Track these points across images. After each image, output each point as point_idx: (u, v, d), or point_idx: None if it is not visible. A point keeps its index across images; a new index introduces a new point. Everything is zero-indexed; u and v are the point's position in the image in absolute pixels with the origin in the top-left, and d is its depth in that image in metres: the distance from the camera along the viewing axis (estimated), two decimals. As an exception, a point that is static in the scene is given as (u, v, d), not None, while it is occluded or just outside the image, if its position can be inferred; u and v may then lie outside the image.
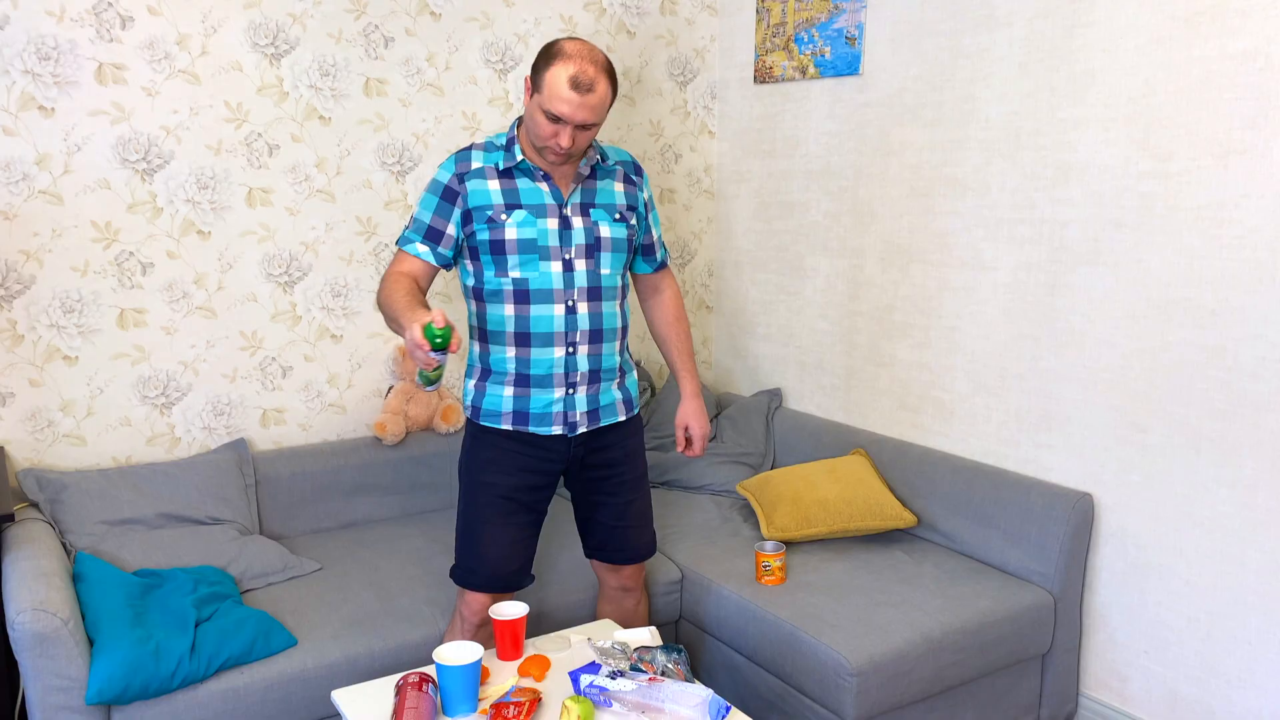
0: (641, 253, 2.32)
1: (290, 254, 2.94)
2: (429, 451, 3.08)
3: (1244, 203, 2.21)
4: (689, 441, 2.38)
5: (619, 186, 2.21)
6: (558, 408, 2.15)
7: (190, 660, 2.10)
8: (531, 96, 2.05)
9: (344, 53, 2.94)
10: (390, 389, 3.13)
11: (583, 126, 2.01)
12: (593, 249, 2.13)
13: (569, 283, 2.11)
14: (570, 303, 2.11)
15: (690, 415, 2.36)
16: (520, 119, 2.16)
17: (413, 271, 2.11)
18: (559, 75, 1.97)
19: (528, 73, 2.23)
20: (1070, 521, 2.52)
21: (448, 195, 2.10)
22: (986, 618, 2.42)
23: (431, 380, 1.90)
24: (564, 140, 2.01)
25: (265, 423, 2.98)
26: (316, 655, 2.25)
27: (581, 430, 2.18)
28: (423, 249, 2.11)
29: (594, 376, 2.17)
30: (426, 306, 1.97)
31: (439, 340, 1.78)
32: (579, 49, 2.00)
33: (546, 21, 3.25)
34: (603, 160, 2.19)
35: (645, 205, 2.27)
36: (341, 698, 1.96)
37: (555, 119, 2.00)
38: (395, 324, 1.97)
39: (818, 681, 2.28)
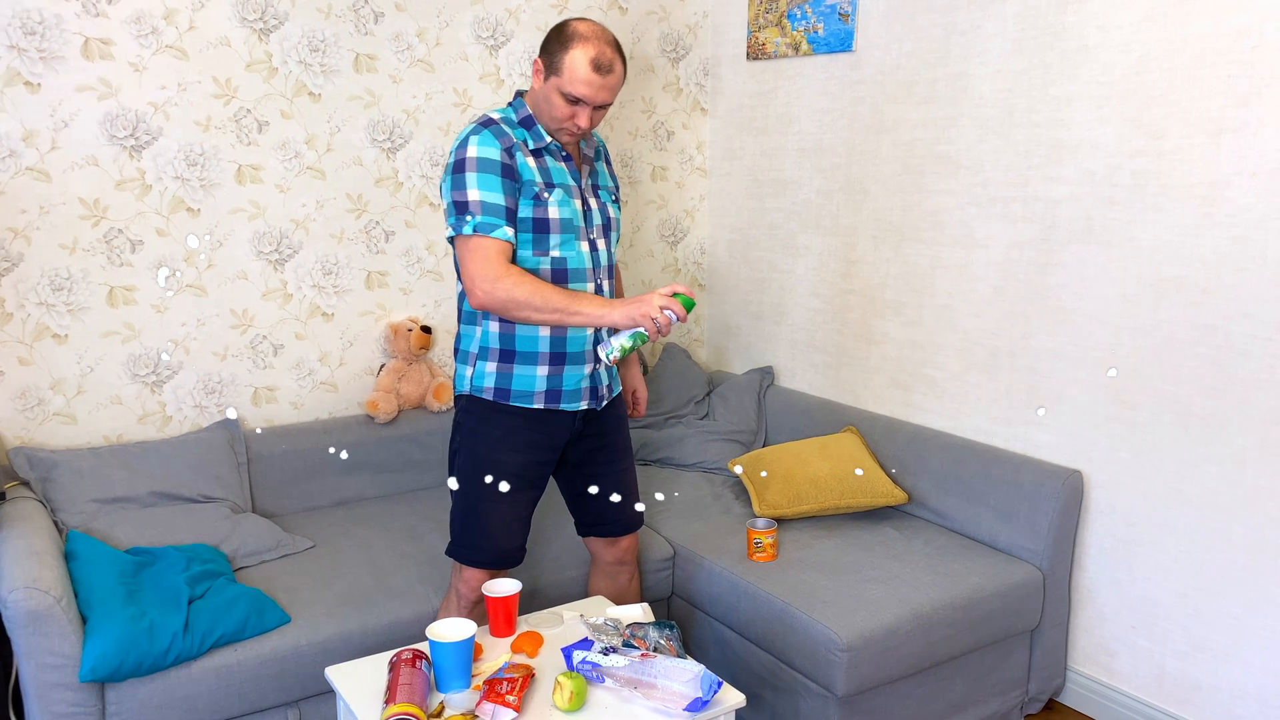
0: None
1: (280, 231, 2.93)
2: (421, 429, 3.08)
3: (1236, 181, 2.21)
4: (634, 404, 2.51)
5: (607, 169, 2.29)
6: (586, 383, 2.20)
7: (184, 638, 2.11)
8: (546, 79, 2.05)
9: (333, 28, 2.91)
10: (382, 367, 3.12)
11: (599, 107, 2.06)
12: (606, 229, 2.20)
13: (596, 261, 2.16)
14: (599, 281, 2.17)
15: (637, 380, 2.51)
16: (520, 95, 2.15)
17: (510, 259, 2.02)
18: (579, 58, 1.99)
19: (536, 55, 2.23)
20: (1060, 498, 2.53)
21: (507, 172, 2.03)
22: (976, 594, 2.44)
23: (628, 350, 1.93)
24: (582, 121, 2.05)
25: (257, 401, 2.97)
26: (310, 632, 2.26)
27: (605, 403, 2.26)
28: (510, 232, 2.02)
29: None
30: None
31: (691, 308, 1.94)
32: (594, 30, 2.03)
33: (538, -3, 3.23)
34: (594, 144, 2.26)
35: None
36: (335, 675, 1.96)
37: (575, 100, 2.02)
38: (562, 314, 1.96)
39: (809, 657, 2.30)
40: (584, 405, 2.21)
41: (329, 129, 2.95)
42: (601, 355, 1.95)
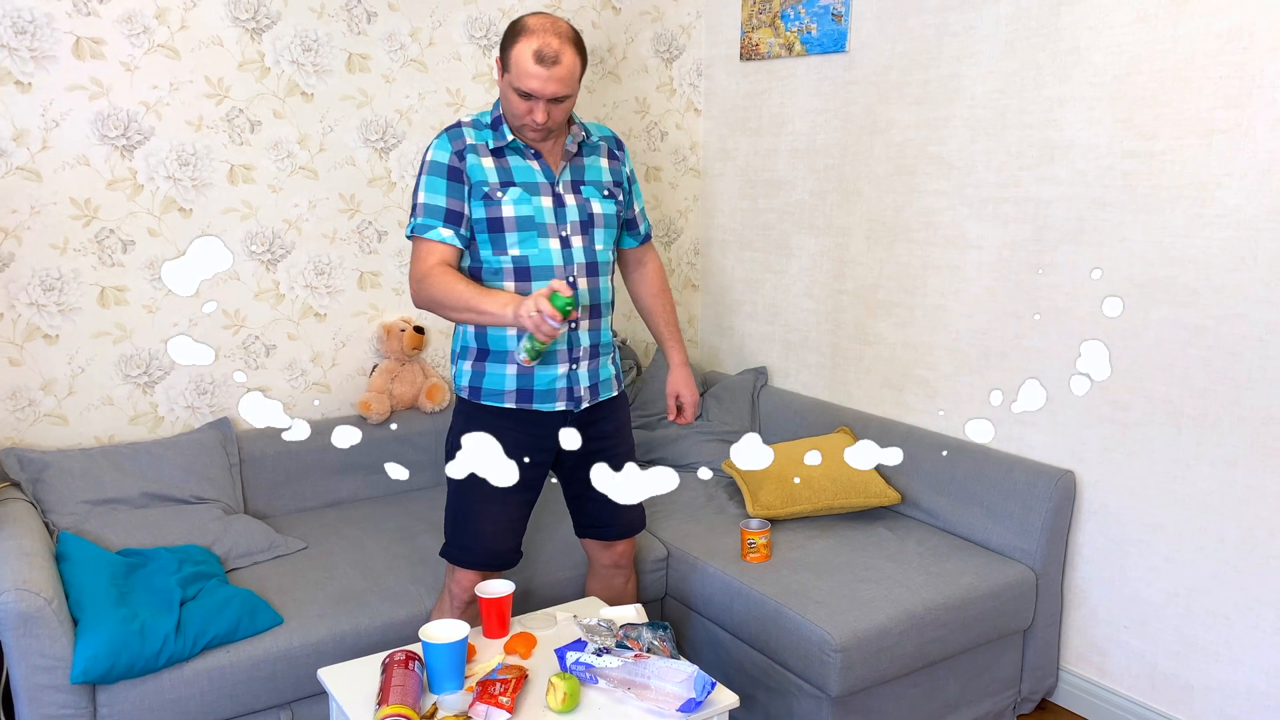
0: (626, 227, 2.31)
1: (273, 231, 2.92)
2: (413, 430, 3.08)
3: (1226, 182, 2.22)
4: (680, 410, 2.38)
5: (604, 163, 2.22)
6: (561, 384, 2.16)
7: (175, 639, 2.10)
8: (502, 77, 2.05)
9: (326, 28, 2.91)
10: (374, 368, 3.11)
11: (556, 100, 2.01)
12: (586, 225, 2.15)
13: (568, 259, 2.12)
14: (571, 279, 2.12)
15: (680, 383, 2.36)
16: None
17: (445, 260, 2.07)
18: (524, 51, 1.97)
19: (498, 53, 2.23)
20: (1052, 498, 2.54)
21: (453, 175, 2.08)
22: (969, 594, 2.44)
23: (540, 352, 1.92)
24: (539, 115, 2.01)
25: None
26: (302, 634, 2.25)
27: (585, 405, 2.20)
28: (447, 233, 2.07)
29: (594, 351, 2.19)
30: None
31: (569, 309, 1.84)
32: (541, 22, 2.00)
33: (531, -3, 3.23)
34: (587, 137, 2.19)
35: (628, 180, 2.27)
36: (328, 676, 1.96)
37: (527, 95, 2.00)
38: (472, 313, 1.98)
39: (802, 657, 2.30)
40: (560, 406, 2.16)
41: (321, 129, 2.95)
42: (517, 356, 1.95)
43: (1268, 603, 2.26)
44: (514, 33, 2.01)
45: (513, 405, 2.16)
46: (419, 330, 3.09)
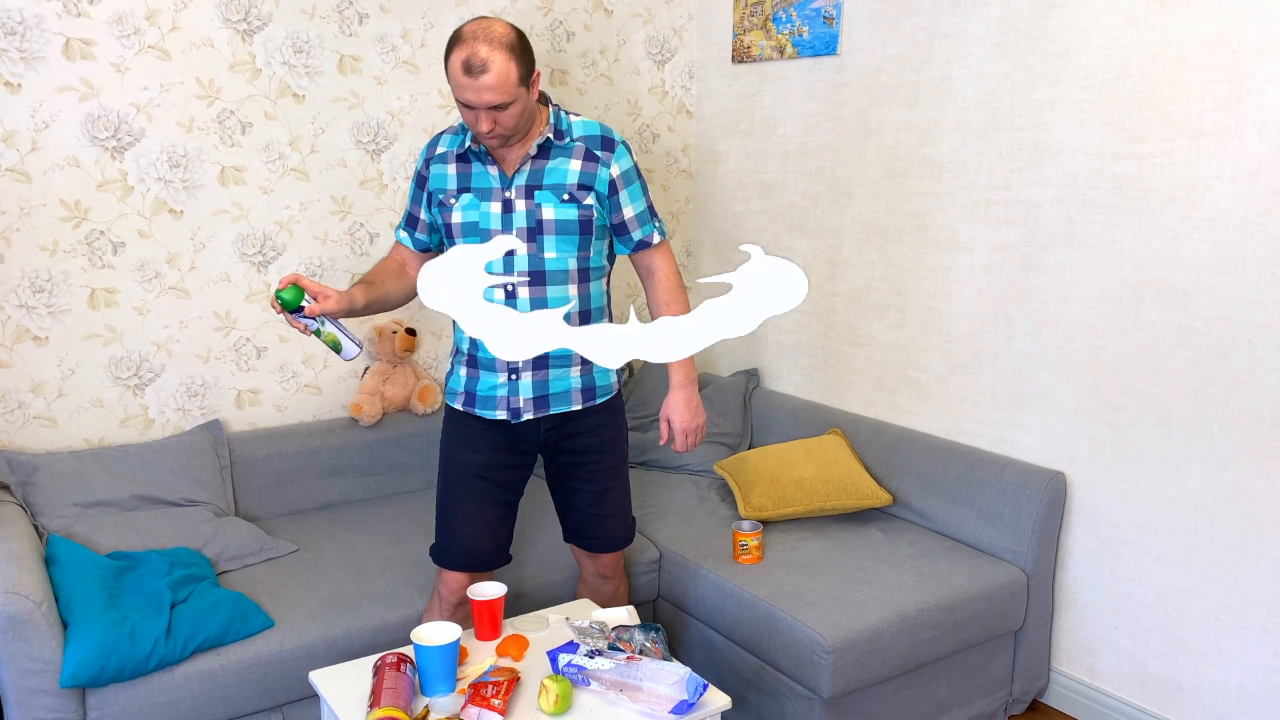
0: (615, 233, 2.17)
1: (264, 233, 2.91)
2: (405, 432, 3.07)
3: (1216, 184, 2.23)
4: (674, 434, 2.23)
5: (575, 165, 2.07)
6: (501, 392, 2.13)
7: (166, 642, 2.09)
8: None
9: (317, 29, 2.90)
10: (366, 370, 3.11)
11: (497, 107, 1.93)
12: (534, 232, 2.06)
13: (508, 267, 2.05)
14: (509, 287, 2.06)
15: (673, 407, 2.20)
16: None
17: (401, 257, 2.25)
18: (454, 63, 1.92)
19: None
20: (1043, 500, 2.54)
21: (419, 181, 2.18)
22: (960, 595, 2.44)
23: (332, 346, 1.98)
24: (483, 125, 1.95)
25: (240, 404, 2.96)
26: (294, 636, 2.25)
27: (527, 417, 2.13)
28: (403, 235, 2.24)
29: (540, 362, 2.11)
30: (369, 283, 2.14)
31: (284, 302, 1.89)
32: (474, 29, 1.93)
33: (523, -1, 3.23)
34: (557, 137, 2.07)
35: (611, 183, 2.10)
36: (319, 679, 1.96)
37: (469, 105, 1.95)
38: None
39: (794, 659, 2.30)
40: (499, 415, 2.13)
41: (313, 130, 2.94)
42: None
43: (1257, 603, 2.27)
44: (450, 43, 1.95)
45: (460, 407, 2.19)
46: (410, 332, 3.08)
